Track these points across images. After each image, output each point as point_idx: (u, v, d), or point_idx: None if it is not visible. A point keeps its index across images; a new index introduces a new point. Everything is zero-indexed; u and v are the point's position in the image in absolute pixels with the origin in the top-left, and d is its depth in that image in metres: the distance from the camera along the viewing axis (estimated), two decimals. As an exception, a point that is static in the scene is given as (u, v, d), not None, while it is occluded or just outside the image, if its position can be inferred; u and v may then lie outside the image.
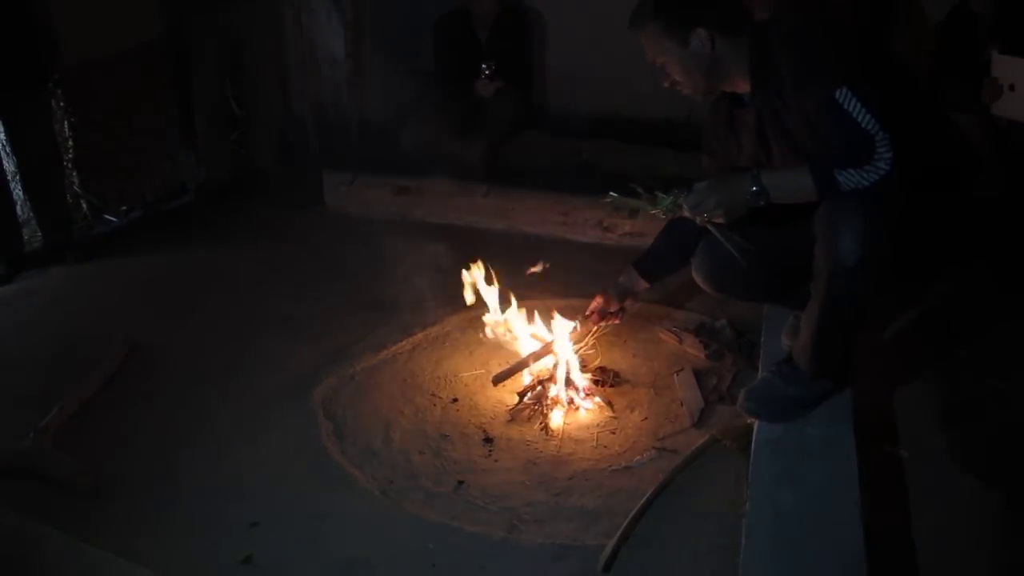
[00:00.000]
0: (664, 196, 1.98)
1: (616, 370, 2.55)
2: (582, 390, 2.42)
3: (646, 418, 2.36)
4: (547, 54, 4.54)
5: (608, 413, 2.38)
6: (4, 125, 3.50)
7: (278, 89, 4.67)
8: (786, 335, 2.37)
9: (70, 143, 3.83)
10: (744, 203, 1.87)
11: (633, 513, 1.94)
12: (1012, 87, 3.00)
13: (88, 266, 3.57)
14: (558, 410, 2.36)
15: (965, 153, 1.99)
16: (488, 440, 2.29)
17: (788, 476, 1.87)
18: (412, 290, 3.11)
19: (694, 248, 2.29)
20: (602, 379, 2.49)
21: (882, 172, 1.71)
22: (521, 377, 2.49)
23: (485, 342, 2.68)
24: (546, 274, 2.74)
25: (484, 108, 4.20)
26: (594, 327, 2.52)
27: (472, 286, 2.69)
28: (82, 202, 3.95)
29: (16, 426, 2.30)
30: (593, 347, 2.58)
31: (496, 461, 2.21)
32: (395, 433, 2.35)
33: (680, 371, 2.54)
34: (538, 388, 2.43)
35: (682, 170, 3.75)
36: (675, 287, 2.91)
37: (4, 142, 3.57)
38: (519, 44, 4.32)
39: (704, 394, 2.42)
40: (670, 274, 2.51)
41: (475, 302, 2.70)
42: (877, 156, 1.71)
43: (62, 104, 3.75)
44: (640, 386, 2.51)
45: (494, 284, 2.67)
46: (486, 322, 2.66)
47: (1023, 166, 3.05)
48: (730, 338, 2.72)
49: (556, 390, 2.40)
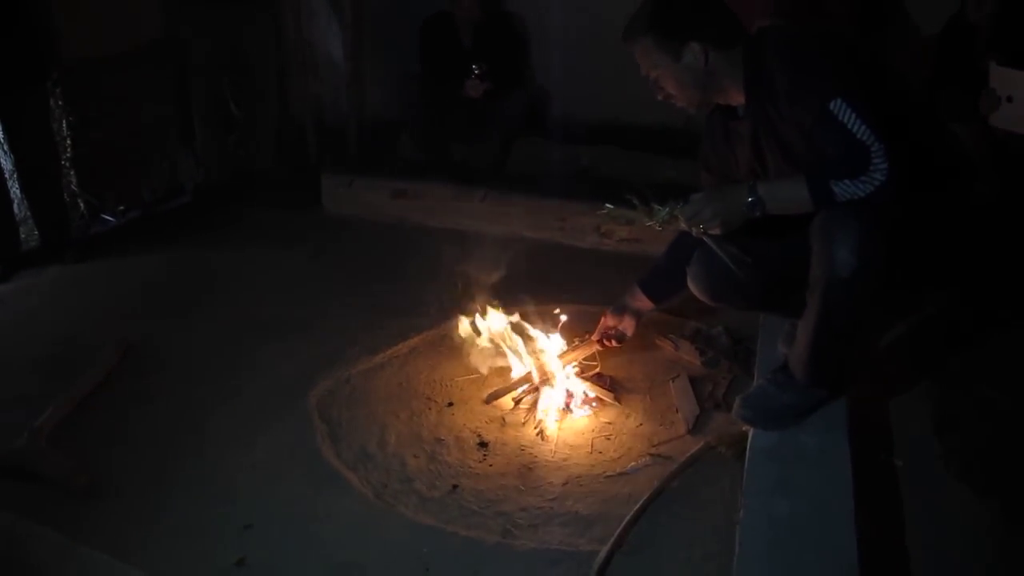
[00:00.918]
0: (660, 208, 1.98)
1: (612, 376, 2.55)
2: (579, 396, 2.42)
3: (641, 424, 2.36)
4: (544, 60, 4.55)
5: (610, 408, 2.38)
6: (2, 123, 3.49)
7: (277, 90, 4.67)
8: (782, 343, 2.37)
9: (68, 142, 3.83)
10: (741, 214, 1.87)
11: (627, 519, 1.94)
12: (1010, 99, 3.01)
13: (85, 266, 3.57)
14: (553, 415, 2.36)
15: (962, 163, 2.00)
16: (483, 445, 2.29)
17: (783, 484, 1.87)
18: (409, 294, 3.12)
19: None
20: (599, 385, 2.49)
21: (878, 183, 1.72)
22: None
23: (479, 346, 2.67)
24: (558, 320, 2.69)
25: (490, 110, 4.21)
26: (596, 348, 2.53)
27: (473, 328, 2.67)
28: (80, 202, 3.94)
29: (11, 425, 2.29)
30: (593, 358, 2.57)
31: (491, 466, 2.21)
32: (390, 437, 2.35)
33: (676, 378, 2.54)
34: (533, 394, 2.43)
35: (680, 176, 3.77)
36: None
37: (2, 140, 3.56)
38: (506, 48, 4.33)
39: (700, 401, 2.42)
40: (676, 295, 2.47)
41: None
42: (873, 167, 1.72)
43: (60, 103, 3.75)
44: (636, 392, 2.51)
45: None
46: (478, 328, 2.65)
47: (1020, 176, 3.06)
48: (726, 345, 2.72)
49: (550, 399, 2.40)
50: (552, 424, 2.34)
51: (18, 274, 3.44)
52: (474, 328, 2.64)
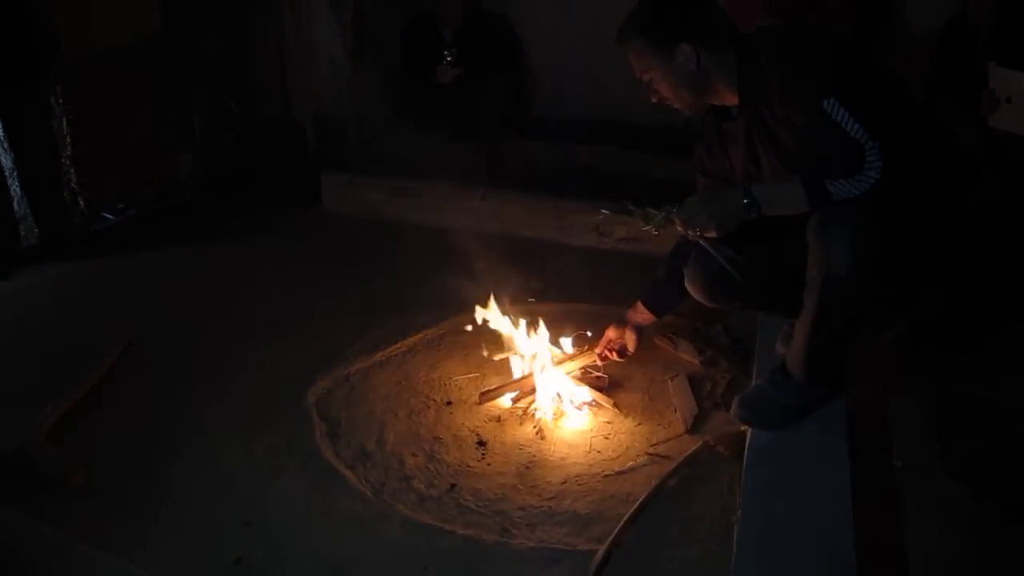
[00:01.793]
0: (656, 212, 1.99)
1: (610, 376, 2.55)
2: (577, 400, 2.43)
3: (640, 424, 2.36)
4: (543, 60, 4.55)
5: (609, 410, 2.39)
6: (2, 121, 3.51)
7: (277, 88, 4.67)
8: (780, 343, 2.37)
9: (68, 140, 3.83)
10: (736, 216, 1.88)
11: (625, 518, 1.94)
12: (1009, 99, 3.02)
13: (85, 263, 3.57)
14: (551, 415, 2.36)
15: (960, 162, 2.00)
16: (481, 443, 2.29)
17: (780, 484, 1.87)
18: (408, 292, 3.12)
19: None
20: (597, 386, 2.49)
21: (872, 181, 1.72)
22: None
23: (481, 344, 2.67)
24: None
25: (468, 97, 4.21)
26: (598, 362, 2.54)
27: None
28: (79, 199, 3.94)
29: (10, 423, 2.30)
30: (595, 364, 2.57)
31: (489, 465, 2.21)
32: (389, 435, 2.35)
33: (674, 377, 2.54)
34: (530, 396, 2.43)
35: (680, 175, 3.76)
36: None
37: (2, 138, 3.57)
38: (490, 45, 4.32)
39: (698, 400, 2.42)
40: (677, 305, 2.48)
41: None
42: (867, 165, 1.71)
43: (61, 101, 3.75)
44: (634, 392, 2.51)
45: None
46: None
47: (1019, 177, 3.06)
48: (725, 345, 2.72)
49: (547, 398, 2.40)
50: (550, 423, 2.34)
51: (18, 272, 3.45)
52: (494, 319, 2.64)
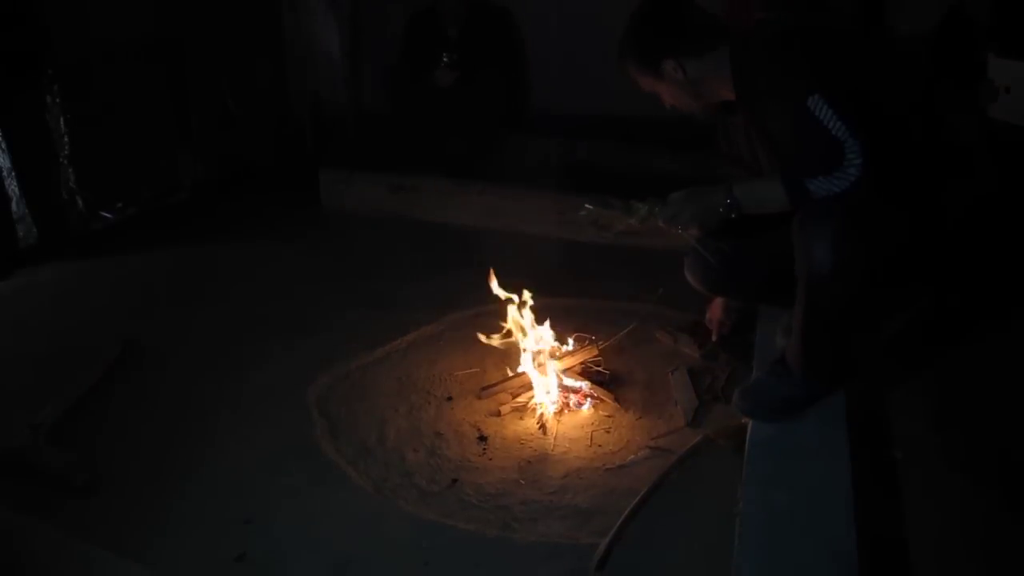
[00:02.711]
0: (640, 205, 2.00)
1: (610, 370, 2.55)
2: (578, 395, 2.43)
3: (640, 417, 2.36)
4: (542, 54, 4.54)
5: (610, 404, 2.39)
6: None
7: (275, 86, 4.66)
8: (780, 335, 2.36)
9: (66, 139, 3.81)
10: (717, 215, 1.89)
11: (627, 512, 1.94)
12: (1008, 89, 3.01)
13: (83, 263, 3.57)
14: (551, 409, 2.36)
15: (953, 156, 1.99)
16: (482, 438, 2.30)
17: (782, 476, 1.87)
18: (407, 288, 3.12)
19: None
20: (596, 380, 2.49)
21: (852, 178, 1.71)
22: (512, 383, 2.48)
23: (487, 335, 2.64)
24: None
25: (467, 96, 4.19)
26: (597, 356, 2.54)
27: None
28: (78, 198, 3.93)
29: (10, 422, 2.29)
30: (599, 357, 2.57)
31: (490, 459, 2.21)
32: (389, 431, 2.35)
33: (674, 370, 2.54)
34: (529, 391, 2.43)
35: (679, 168, 3.77)
36: (670, 287, 2.91)
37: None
38: (494, 41, 4.31)
39: (698, 393, 2.42)
40: None
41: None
42: (847, 162, 1.71)
43: (58, 100, 3.73)
44: (635, 385, 2.51)
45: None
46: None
47: (1018, 168, 3.05)
48: (725, 337, 2.72)
49: (546, 393, 2.40)
50: (551, 418, 2.34)
51: (16, 272, 3.44)
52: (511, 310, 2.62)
